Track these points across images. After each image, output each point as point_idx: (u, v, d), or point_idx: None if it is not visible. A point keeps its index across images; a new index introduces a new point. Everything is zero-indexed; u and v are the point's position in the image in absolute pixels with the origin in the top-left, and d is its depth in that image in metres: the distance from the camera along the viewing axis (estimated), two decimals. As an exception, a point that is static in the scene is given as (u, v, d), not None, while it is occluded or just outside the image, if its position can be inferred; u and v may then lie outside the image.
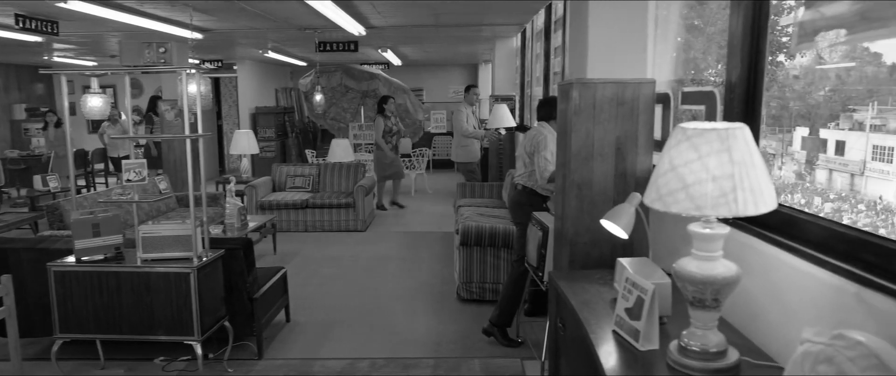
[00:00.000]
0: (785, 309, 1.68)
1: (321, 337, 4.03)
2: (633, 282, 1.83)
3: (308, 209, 7.34)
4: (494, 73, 9.31)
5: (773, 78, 8.94)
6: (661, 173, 1.54)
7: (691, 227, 1.58)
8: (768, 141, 9.51)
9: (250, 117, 12.18)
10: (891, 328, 1.27)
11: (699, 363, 1.61)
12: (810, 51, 5.82)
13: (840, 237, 1.55)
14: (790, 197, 4.79)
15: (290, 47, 10.06)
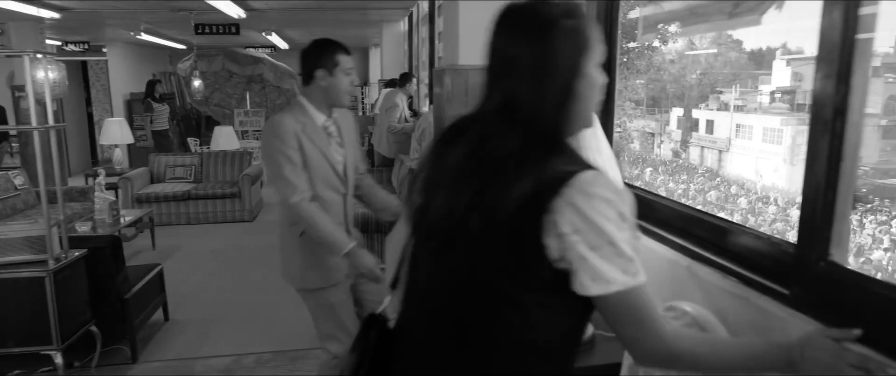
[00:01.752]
0: (634, 282, 1.81)
1: (203, 335, 3.87)
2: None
3: (190, 200, 6.97)
4: (383, 57, 9.25)
5: (650, 62, 9.20)
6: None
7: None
8: (647, 121, 9.84)
9: (125, 104, 11.35)
10: (714, 297, 1.40)
11: (557, 338, 1.70)
12: (675, 39, 6.11)
13: (677, 215, 1.68)
14: (673, 177, 5.09)
15: (165, 29, 9.45)
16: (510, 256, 0.93)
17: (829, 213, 1.11)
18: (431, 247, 1.04)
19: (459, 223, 0.96)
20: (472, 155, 0.98)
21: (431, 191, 1.04)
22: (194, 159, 7.52)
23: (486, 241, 0.94)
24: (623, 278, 0.89)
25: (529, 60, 0.95)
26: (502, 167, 0.93)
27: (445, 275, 1.01)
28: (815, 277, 1.14)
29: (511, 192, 0.90)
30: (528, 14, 0.98)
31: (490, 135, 0.97)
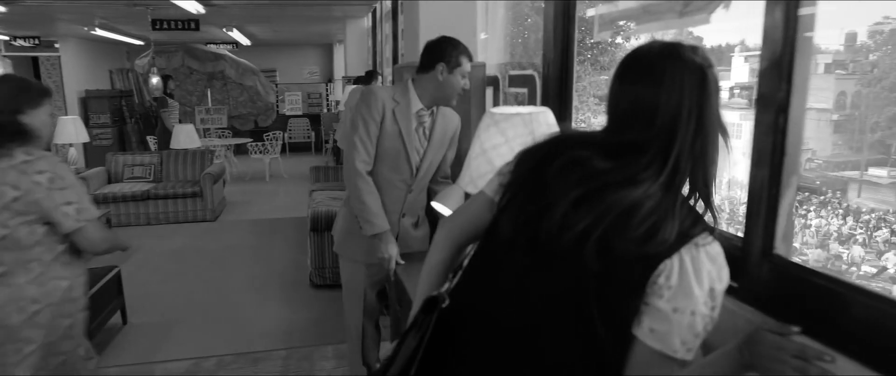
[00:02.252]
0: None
1: (162, 338, 3.79)
2: (458, 262, 1.90)
3: (150, 200, 6.81)
4: (346, 54, 9.17)
5: (614, 58, 9.51)
6: (473, 157, 1.60)
7: (504, 208, 1.66)
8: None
9: (80, 102, 11.01)
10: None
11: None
12: (636, 35, 6.24)
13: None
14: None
15: (121, 25, 9.18)
16: (610, 290, 0.93)
17: (774, 209, 1.14)
18: (527, 257, 1.01)
19: (572, 247, 0.94)
20: (597, 177, 0.96)
21: (532, 200, 1.02)
22: (154, 158, 7.35)
23: (592, 272, 0.93)
24: (682, 350, 0.92)
25: (691, 112, 0.94)
26: (640, 206, 0.92)
27: (534, 288, 1.01)
28: (760, 270, 1.17)
29: (653, 238, 0.90)
30: (678, 60, 0.96)
31: (625, 168, 0.95)
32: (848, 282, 1.01)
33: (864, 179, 7.87)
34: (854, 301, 0.99)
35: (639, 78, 0.98)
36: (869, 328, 0.96)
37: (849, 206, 7.64)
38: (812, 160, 8.78)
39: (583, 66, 9.54)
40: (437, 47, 2.19)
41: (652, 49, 0.99)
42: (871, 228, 4.66)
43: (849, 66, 8.00)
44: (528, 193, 1.04)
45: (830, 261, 4.78)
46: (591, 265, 0.92)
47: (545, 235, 0.97)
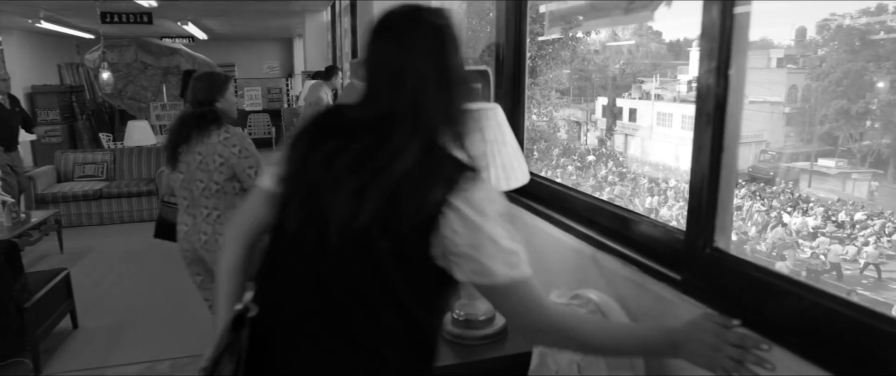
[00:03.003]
0: (547, 272, 1.84)
1: (115, 342, 3.68)
2: (412, 260, 1.89)
3: (103, 199, 6.61)
4: (306, 48, 9.04)
5: (574, 52, 9.65)
6: (425, 154, 1.59)
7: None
8: (573, 110, 10.35)
9: (26, 97, 10.59)
10: (616, 284, 1.45)
11: (469, 331, 1.71)
12: (597, 30, 6.34)
13: (584, 206, 1.72)
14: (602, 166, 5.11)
15: (68, 17, 8.86)
16: (408, 265, 0.98)
17: (713, 202, 1.16)
18: (319, 250, 1.00)
19: (360, 236, 0.96)
20: (364, 162, 0.98)
21: (311, 193, 1.03)
22: (106, 156, 7.12)
23: (386, 253, 0.96)
24: (506, 271, 0.97)
25: (433, 72, 0.99)
26: (408, 178, 0.95)
27: (334, 279, 1.01)
28: (701, 263, 1.19)
29: (423, 205, 0.94)
30: (418, 22, 1.02)
31: (384, 143, 0.97)
32: (783, 275, 1.04)
33: (815, 170, 8.14)
34: (788, 292, 1.01)
35: (383, 41, 1.03)
36: (802, 319, 0.99)
37: (800, 196, 7.80)
38: (766, 152, 9.07)
39: (544, 61, 9.48)
40: None
41: (394, 12, 1.03)
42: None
43: (799, 61, 8.31)
44: (304, 185, 1.05)
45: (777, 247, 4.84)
46: (382, 247, 0.95)
47: (333, 227, 0.98)
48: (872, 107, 18.84)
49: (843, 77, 19.09)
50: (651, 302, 1.32)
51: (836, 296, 0.95)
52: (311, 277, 1.03)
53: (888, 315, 0.88)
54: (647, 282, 1.33)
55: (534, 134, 13.80)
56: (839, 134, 20.69)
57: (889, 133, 18.55)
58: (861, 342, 0.90)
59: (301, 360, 1.04)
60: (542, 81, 12.78)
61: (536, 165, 15.34)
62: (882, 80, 16.85)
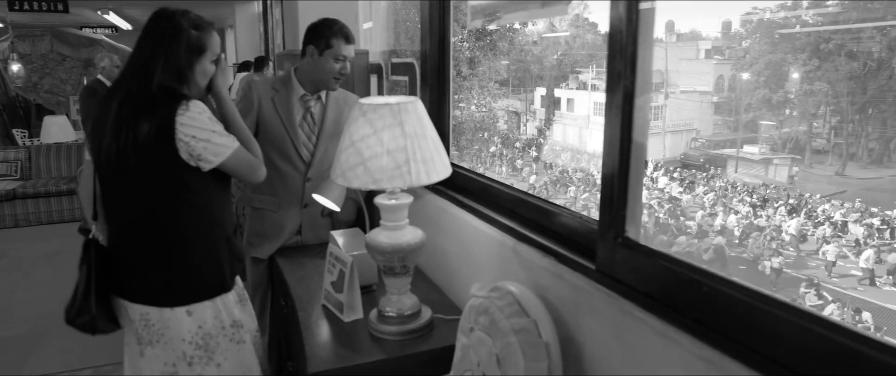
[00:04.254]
0: (473, 264, 1.85)
1: (30, 351, 3.48)
2: (336, 256, 1.86)
3: (17, 200, 6.21)
4: (237, 39, 8.76)
5: (512, 43, 9.95)
6: (343, 148, 1.56)
7: (377, 200, 1.64)
8: (512, 101, 10.68)
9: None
10: (536, 275, 1.46)
11: (396, 327, 1.70)
12: (534, 21, 6.50)
13: (506, 198, 1.73)
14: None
15: (-27, 5, 8.25)
16: (170, 166, 1.60)
17: (624, 193, 1.19)
18: (112, 176, 1.64)
19: (125, 155, 1.55)
20: (123, 105, 1.58)
21: (99, 134, 1.60)
22: (20, 153, 6.71)
23: (147, 163, 1.58)
24: (230, 144, 1.67)
25: (164, 55, 1.60)
26: (140, 113, 1.56)
27: (133, 192, 1.63)
28: (614, 253, 1.21)
29: (147, 128, 1.55)
30: (169, 23, 1.63)
31: (134, 94, 1.59)
32: (690, 264, 1.07)
33: (741, 156, 8.80)
34: (691, 279, 1.04)
35: (144, 30, 1.65)
36: (708, 306, 1.02)
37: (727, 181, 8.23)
38: (696, 139, 9.70)
39: (483, 51, 9.67)
40: (310, 30, 2.16)
41: (161, 14, 1.64)
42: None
43: (725, 52, 8.90)
44: (91, 133, 1.64)
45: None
46: (142, 160, 1.57)
47: (111, 157, 1.58)
48: (791, 96, 19.94)
49: (764, 68, 20.16)
50: (568, 292, 1.33)
51: (734, 282, 0.98)
52: (121, 195, 1.67)
53: (781, 300, 0.91)
54: (565, 273, 1.34)
55: (472, 125, 13.88)
56: (762, 123, 21.78)
57: (805, 121, 19.64)
58: (755, 324, 0.93)
59: (131, 259, 1.69)
60: (480, 72, 12.85)
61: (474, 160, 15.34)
62: (797, 71, 17.83)
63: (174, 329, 1.67)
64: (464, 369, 1.45)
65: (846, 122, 20.91)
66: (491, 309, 1.36)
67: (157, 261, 1.67)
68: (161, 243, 1.66)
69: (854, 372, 0.81)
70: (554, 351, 1.27)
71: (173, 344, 1.69)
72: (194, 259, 1.69)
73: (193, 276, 1.69)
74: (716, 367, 0.97)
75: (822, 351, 0.84)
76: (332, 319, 1.84)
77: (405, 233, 1.65)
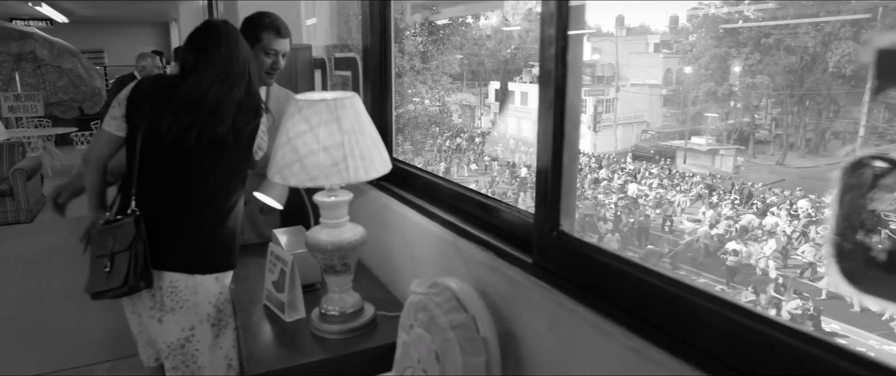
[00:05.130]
0: (416, 260, 1.84)
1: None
2: (276, 255, 1.82)
3: (-56, 204, 5.89)
4: (181, 33, 8.49)
5: (465, 37, 10.24)
6: (280, 146, 1.52)
7: (316, 197, 1.61)
8: (466, 94, 11.10)
9: None
10: (475, 270, 1.46)
11: (338, 325, 1.67)
12: (486, 15, 6.60)
13: (448, 193, 1.72)
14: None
15: None
16: (246, 152, 1.80)
17: (557, 187, 1.19)
18: (169, 153, 1.73)
19: (220, 141, 1.72)
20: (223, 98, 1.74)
21: (158, 114, 1.71)
22: (-52, 154, 6.35)
23: (231, 147, 1.75)
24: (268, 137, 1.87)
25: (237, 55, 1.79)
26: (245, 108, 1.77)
27: (193, 169, 1.75)
28: (549, 246, 1.22)
29: (252, 122, 1.78)
30: (229, 28, 1.83)
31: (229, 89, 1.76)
32: (619, 256, 1.08)
33: (689, 147, 9.49)
34: (621, 271, 1.06)
35: (206, 36, 1.81)
36: (636, 297, 1.03)
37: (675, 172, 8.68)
38: (646, 131, 10.38)
39: (436, 46, 9.84)
40: (242, 24, 2.09)
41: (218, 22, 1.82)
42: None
43: (673, 46, 9.52)
44: (153, 111, 1.73)
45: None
46: (230, 144, 1.74)
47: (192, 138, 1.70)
48: (735, 88, 20.60)
49: (710, 61, 20.78)
50: (506, 286, 1.34)
51: (661, 274, 1.00)
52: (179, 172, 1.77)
53: (702, 289, 0.93)
54: (503, 267, 1.35)
55: (425, 119, 13.86)
56: (708, 115, 22.40)
57: (748, 113, 20.32)
58: (679, 313, 0.95)
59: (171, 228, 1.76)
60: (433, 66, 12.86)
61: (428, 155, 15.13)
62: (738, 65, 18.42)
63: (202, 293, 1.79)
64: (405, 366, 1.45)
65: (786, 114, 21.79)
66: (429, 305, 1.35)
67: (199, 231, 1.78)
68: (208, 215, 1.79)
69: (766, 356, 0.83)
70: (492, 345, 1.28)
71: (199, 307, 1.79)
72: (226, 231, 1.82)
73: (223, 248, 1.83)
74: (644, 357, 0.99)
75: (739, 336, 0.86)
76: (274, 319, 1.81)
77: (345, 231, 1.63)
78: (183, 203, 1.76)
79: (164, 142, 1.69)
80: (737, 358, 0.87)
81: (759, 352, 0.84)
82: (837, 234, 0.75)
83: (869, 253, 0.73)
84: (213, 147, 1.72)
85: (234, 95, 1.74)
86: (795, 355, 0.79)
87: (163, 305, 1.76)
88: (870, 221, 0.73)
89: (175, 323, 1.77)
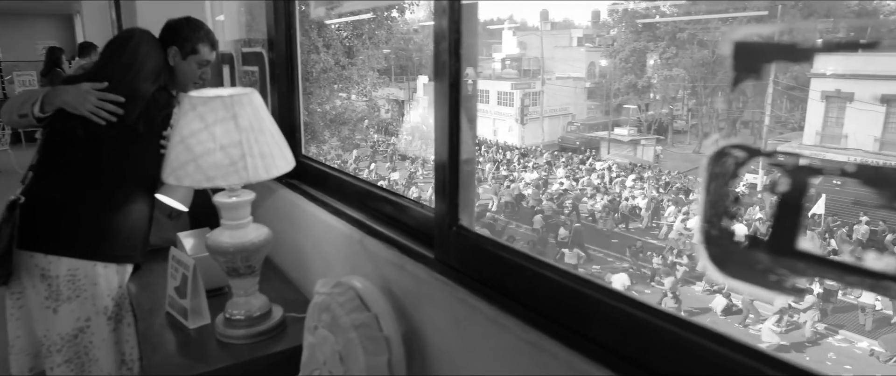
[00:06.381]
0: (325, 259, 1.80)
1: None
2: (178, 260, 1.74)
3: None
4: (84, 26, 8.00)
5: (390, 32, 10.27)
6: (173, 146, 1.45)
7: (216, 198, 1.54)
8: (393, 89, 11.21)
9: None
10: (381, 268, 1.44)
11: (244, 330, 1.62)
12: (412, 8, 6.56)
13: (354, 190, 1.69)
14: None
15: None
16: (156, 141, 1.83)
17: (455, 182, 1.19)
18: (82, 142, 1.79)
19: (130, 128, 1.80)
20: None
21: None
22: None
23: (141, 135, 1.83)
24: None
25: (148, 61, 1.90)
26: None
27: (98, 157, 1.82)
28: (449, 241, 1.21)
29: (165, 109, 1.84)
30: (145, 36, 1.94)
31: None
32: (515, 249, 1.09)
33: (612, 138, 10.00)
34: (517, 265, 1.06)
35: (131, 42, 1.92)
36: (532, 290, 1.04)
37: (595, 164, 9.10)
38: (572, 123, 10.86)
39: (360, 40, 9.76)
40: (173, 28, 2.01)
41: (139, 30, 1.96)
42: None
43: (595, 40, 9.97)
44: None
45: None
46: (141, 132, 1.82)
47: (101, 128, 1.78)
48: (654, 81, 21.54)
49: (630, 55, 21.57)
50: (410, 283, 1.33)
51: (554, 266, 1.01)
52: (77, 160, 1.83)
53: (593, 280, 0.95)
54: (407, 264, 1.33)
55: (353, 115, 13.69)
56: (629, 106, 23.34)
57: (666, 104, 21.28)
58: (572, 304, 0.96)
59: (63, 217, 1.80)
60: (358, 61, 12.70)
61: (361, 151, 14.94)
62: (653, 58, 19.22)
63: (102, 285, 1.81)
64: (312, 369, 1.41)
65: (701, 105, 22.93)
66: (332, 305, 1.32)
67: (102, 217, 1.82)
68: (113, 202, 1.83)
69: (653, 344, 0.85)
70: (395, 344, 1.26)
71: (97, 299, 1.80)
72: (131, 222, 1.86)
73: (127, 239, 1.87)
74: (539, 350, 1.00)
75: (627, 325, 0.88)
76: (177, 327, 1.73)
77: (249, 232, 1.57)
78: (87, 188, 1.80)
79: (75, 132, 1.76)
80: (626, 348, 0.89)
81: (645, 341, 0.86)
82: (705, 221, 0.77)
83: (733, 238, 0.75)
84: (125, 135, 1.78)
85: (146, 89, 1.84)
86: (678, 341, 0.81)
87: (59, 294, 1.77)
88: (733, 208, 0.75)
89: (70, 312, 1.78)
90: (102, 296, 1.83)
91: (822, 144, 13.33)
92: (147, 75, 1.87)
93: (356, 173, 15.79)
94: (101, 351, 1.84)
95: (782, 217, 0.71)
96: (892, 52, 8.67)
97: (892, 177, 0.62)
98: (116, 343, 1.91)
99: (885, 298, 8.02)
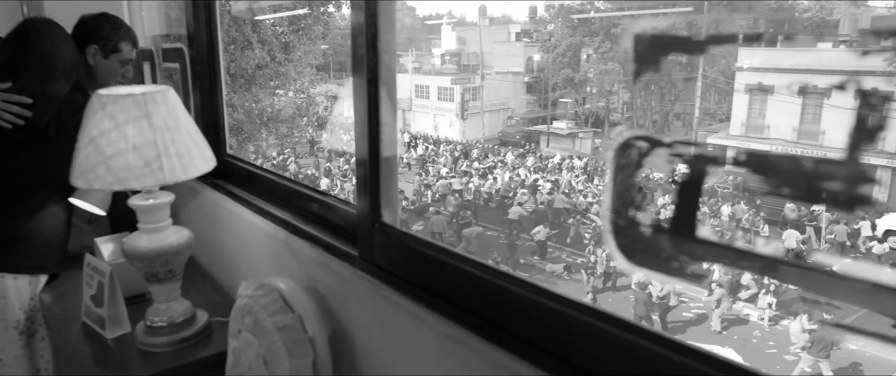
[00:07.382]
0: (251, 260, 1.75)
1: None
2: (93, 267, 1.66)
3: None
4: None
5: (327, 28, 10.09)
6: (82, 147, 1.37)
7: (131, 201, 1.47)
8: (330, 85, 11.14)
9: None
10: (306, 267, 1.42)
11: (166, 337, 1.55)
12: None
13: (279, 189, 1.65)
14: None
15: None
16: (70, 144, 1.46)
17: (376, 178, 1.17)
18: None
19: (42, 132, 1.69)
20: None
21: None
22: None
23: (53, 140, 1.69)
24: None
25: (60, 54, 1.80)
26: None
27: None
28: (372, 239, 1.20)
29: (80, 113, 1.43)
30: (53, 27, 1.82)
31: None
32: (435, 245, 1.09)
33: (551, 132, 10.22)
34: (438, 260, 1.06)
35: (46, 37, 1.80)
36: (452, 285, 1.04)
37: (541, 156, 9.34)
38: (512, 118, 11.09)
39: (297, 36, 9.58)
40: (91, 25, 1.93)
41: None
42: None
43: (533, 35, 10.20)
44: None
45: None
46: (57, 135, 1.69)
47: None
48: (590, 75, 22.09)
49: (567, 50, 22.06)
50: (335, 282, 1.31)
51: (474, 261, 1.01)
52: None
53: (510, 273, 0.96)
54: (332, 263, 1.31)
55: (291, 112, 13.41)
56: (566, 100, 23.92)
57: (603, 97, 21.85)
58: (490, 298, 0.97)
59: None
60: (295, 57, 12.44)
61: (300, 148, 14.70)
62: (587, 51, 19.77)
63: (13, 298, 1.73)
64: (237, 374, 1.37)
65: (635, 98, 23.70)
66: (255, 308, 1.29)
67: (10, 225, 1.74)
68: (22, 209, 1.75)
69: (570, 335, 0.86)
70: (320, 345, 1.24)
71: (6, 313, 1.72)
72: (44, 230, 1.78)
73: (39, 248, 1.79)
74: (460, 344, 1.00)
75: (542, 316, 0.89)
76: (94, 337, 1.64)
77: (168, 235, 1.51)
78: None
79: None
80: (544, 340, 0.89)
81: (562, 332, 0.87)
82: (613, 212, 0.79)
83: (638, 228, 0.77)
84: (36, 139, 1.69)
85: (58, 90, 1.72)
86: (593, 333, 0.82)
87: None
88: (638, 199, 0.77)
89: None
90: (13, 310, 1.74)
91: (747, 134, 14.00)
92: (59, 74, 1.75)
93: (285, 168, 15.59)
94: (13, 369, 1.76)
95: (682, 205, 0.73)
96: (807, 47, 9.27)
97: (777, 164, 0.65)
98: (30, 358, 1.81)
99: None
